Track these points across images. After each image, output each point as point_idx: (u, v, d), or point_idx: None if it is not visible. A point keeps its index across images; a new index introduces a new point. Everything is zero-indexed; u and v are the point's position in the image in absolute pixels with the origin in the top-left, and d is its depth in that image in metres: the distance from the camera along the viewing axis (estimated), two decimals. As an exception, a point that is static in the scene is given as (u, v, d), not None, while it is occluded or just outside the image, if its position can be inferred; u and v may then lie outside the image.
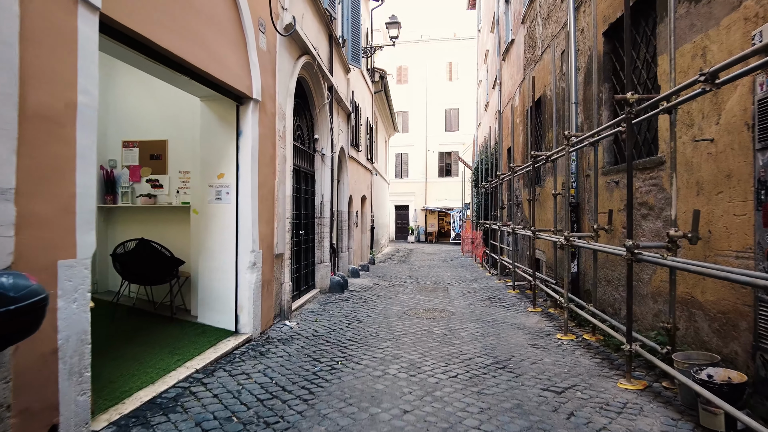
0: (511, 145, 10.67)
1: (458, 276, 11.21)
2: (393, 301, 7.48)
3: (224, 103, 4.90)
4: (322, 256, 7.96)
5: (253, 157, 4.90)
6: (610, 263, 5.26)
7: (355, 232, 11.62)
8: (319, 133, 7.88)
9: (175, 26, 3.51)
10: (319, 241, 7.92)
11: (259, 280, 5.01)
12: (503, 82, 12.43)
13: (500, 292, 8.53)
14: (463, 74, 29.61)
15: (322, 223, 7.96)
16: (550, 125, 7.63)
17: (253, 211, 4.89)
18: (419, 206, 29.58)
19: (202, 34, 3.90)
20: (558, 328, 5.64)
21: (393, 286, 9.28)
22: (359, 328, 5.58)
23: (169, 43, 3.39)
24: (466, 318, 6.21)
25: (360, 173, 12.36)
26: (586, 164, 6.01)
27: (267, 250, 5.27)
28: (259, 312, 5.03)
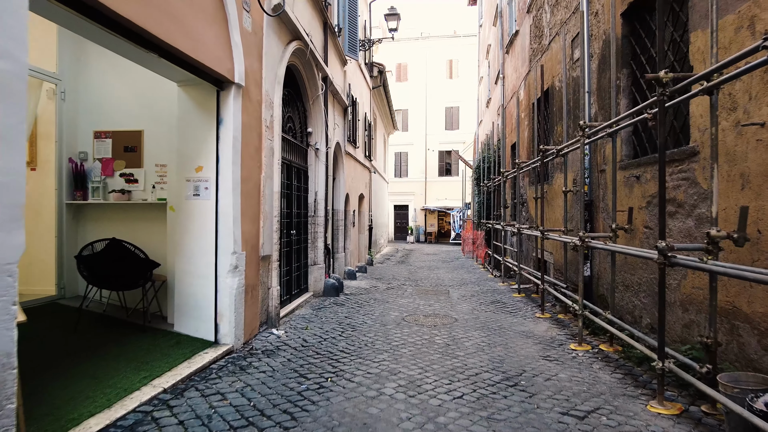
0: (516, 141, 10.20)
1: (459, 278, 10.73)
2: (391, 305, 7.00)
3: (203, 89, 4.41)
4: (316, 258, 7.48)
5: (235, 149, 4.42)
6: (629, 266, 4.79)
7: (352, 232, 11.13)
8: (313, 127, 7.40)
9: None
10: (312, 241, 7.44)
11: (242, 285, 4.53)
12: (506, 76, 11.96)
13: (505, 295, 8.05)
14: (464, 72, 29.14)
15: (316, 223, 7.47)
16: (560, 118, 7.15)
17: (234, 208, 4.40)
18: (419, 206, 29.11)
19: (171, 5, 3.41)
20: (571, 337, 5.16)
21: (391, 288, 8.80)
22: (353, 336, 5.09)
23: (128, 10, 2.90)
24: (469, 325, 5.73)
25: (357, 171, 11.88)
26: (601, 158, 5.53)
27: (251, 252, 4.79)
28: (242, 320, 4.54)
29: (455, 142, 28.15)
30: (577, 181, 6.34)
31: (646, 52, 4.62)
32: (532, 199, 8.81)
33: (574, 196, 6.45)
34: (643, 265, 4.45)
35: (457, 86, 29.23)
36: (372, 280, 10.08)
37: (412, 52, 30.04)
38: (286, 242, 6.35)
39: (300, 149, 7.07)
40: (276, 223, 5.30)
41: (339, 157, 9.44)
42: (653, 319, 4.23)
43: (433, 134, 29.46)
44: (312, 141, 7.41)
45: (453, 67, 29.77)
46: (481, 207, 14.10)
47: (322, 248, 7.54)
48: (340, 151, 9.37)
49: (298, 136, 7.05)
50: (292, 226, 6.56)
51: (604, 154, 5.44)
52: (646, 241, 4.36)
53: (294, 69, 6.60)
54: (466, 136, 27.44)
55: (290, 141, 6.52)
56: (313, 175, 7.43)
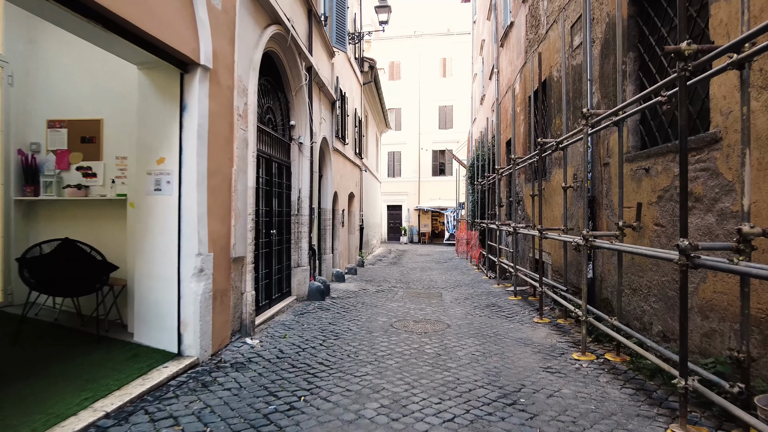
0: (511, 137, 9.78)
1: (453, 280, 10.29)
2: (379, 310, 6.55)
3: (165, 71, 3.94)
4: (300, 259, 7.01)
5: (200, 138, 3.95)
6: (637, 267, 4.37)
7: (341, 233, 10.68)
8: (296, 119, 6.94)
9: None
10: (296, 241, 6.97)
11: (209, 290, 4.06)
12: (501, 70, 11.56)
13: (500, 298, 7.63)
14: (458, 70, 28.78)
15: (300, 222, 7.01)
16: (558, 110, 6.74)
17: (199, 204, 3.94)
18: (412, 206, 28.69)
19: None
20: (573, 345, 4.74)
21: (381, 291, 8.35)
22: (336, 346, 4.64)
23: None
24: (463, 331, 5.29)
25: (347, 168, 11.43)
26: (604, 151, 5.12)
27: (221, 253, 4.32)
28: (209, 329, 4.07)
29: (449, 142, 27.76)
30: (578, 177, 5.93)
31: (656, 32, 4.21)
32: (528, 196, 8.40)
33: (574, 193, 6.04)
34: (653, 267, 4.03)
35: (450, 85, 28.85)
36: (361, 282, 9.63)
37: (405, 50, 29.63)
38: (265, 243, 5.88)
39: (281, 143, 6.60)
40: (250, 221, 4.83)
41: (326, 153, 8.99)
42: (665, 326, 3.82)
43: (427, 133, 29.05)
44: (295, 135, 6.94)
45: (446, 65, 29.40)
46: (475, 206, 13.69)
47: (306, 249, 7.08)
48: (327, 146, 8.92)
49: (279, 128, 6.58)
50: (272, 225, 6.09)
51: (607, 146, 5.03)
52: (657, 240, 3.95)
53: (274, 56, 6.14)
54: (460, 136, 27.05)
55: (270, 134, 6.06)
56: (296, 171, 6.96)
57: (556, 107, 6.90)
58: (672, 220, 3.72)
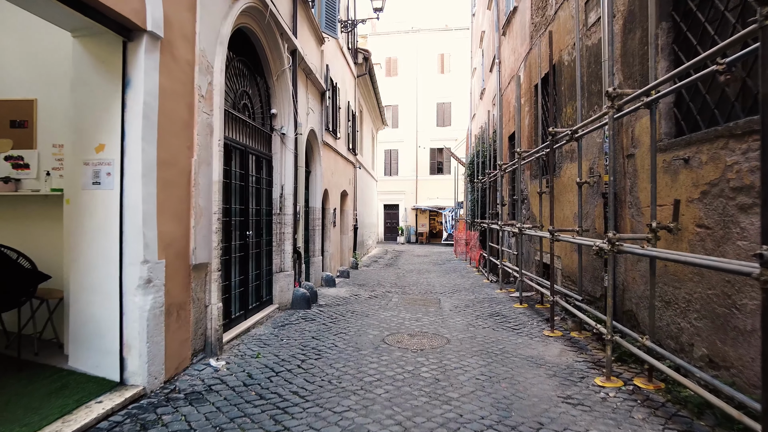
0: (515, 130, 9.10)
1: (452, 283, 9.61)
2: (371, 320, 5.86)
3: (105, 40, 3.24)
4: (283, 264, 6.31)
5: (147, 120, 3.25)
6: (671, 277, 3.69)
7: (333, 233, 9.98)
8: (278, 108, 6.24)
9: None
10: (278, 244, 6.27)
11: (160, 305, 3.36)
12: (503, 60, 10.88)
13: (504, 305, 6.94)
14: (456, 67, 28.10)
15: (283, 222, 6.31)
16: (570, 97, 6.06)
17: (146, 201, 3.23)
18: (409, 205, 28.00)
19: None
20: (593, 366, 4.05)
21: (374, 297, 7.66)
22: (316, 368, 3.94)
23: None
24: (465, 348, 4.60)
25: (339, 165, 10.73)
26: (628, 140, 4.44)
27: (176, 260, 3.62)
28: (161, 351, 3.37)
29: (447, 139, 27.05)
30: (594, 171, 5.25)
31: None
32: (535, 194, 7.72)
33: (590, 189, 5.36)
34: (695, 277, 3.35)
35: (448, 81, 28.17)
36: (354, 286, 8.93)
37: (402, 46, 28.94)
38: (240, 246, 5.18)
39: (260, 134, 5.90)
40: (216, 221, 4.13)
41: (314, 147, 8.28)
42: (713, 350, 3.14)
43: (425, 131, 28.37)
44: (277, 125, 6.24)
45: (444, 61, 28.71)
46: (475, 205, 13.01)
47: (290, 252, 6.37)
48: (315, 140, 8.21)
49: (258, 117, 5.88)
50: (249, 225, 5.39)
51: (632, 135, 4.34)
52: (700, 245, 3.27)
53: (251, 35, 5.43)
54: (459, 133, 26.37)
55: (246, 122, 5.35)
56: (278, 166, 6.26)
57: (567, 95, 6.22)
58: (723, 221, 3.04)
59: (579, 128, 4.76)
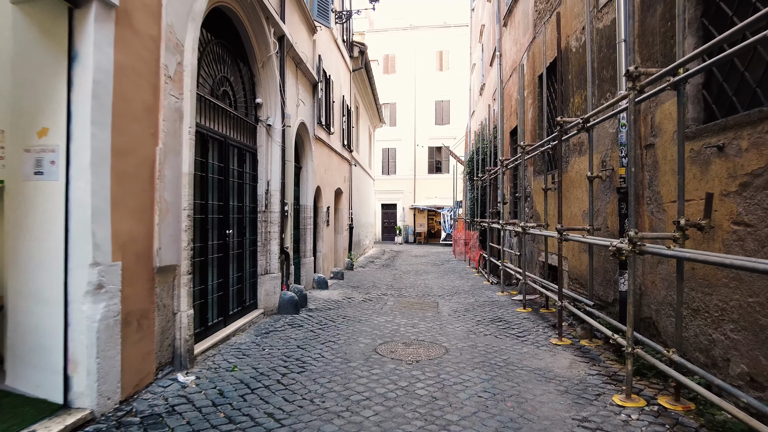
0: (517, 124, 8.66)
1: (451, 285, 9.16)
2: (363, 326, 5.41)
3: (47, 6, 2.80)
4: (268, 265, 5.86)
5: (98, 101, 2.80)
6: (700, 281, 3.25)
7: (326, 233, 9.53)
8: (264, 97, 5.79)
9: None
10: (263, 243, 5.81)
11: (115, 314, 2.91)
12: (504, 52, 10.44)
13: (506, 309, 6.50)
14: (455, 64, 27.65)
15: (269, 220, 5.86)
16: (578, 86, 5.62)
17: (97, 194, 2.78)
18: (407, 205, 27.55)
19: None
20: (609, 380, 3.62)
21: (368, 301, 7.21)
22: (298, 384, 3.50)
23: None
24: (465, 359, 4.16)
25: (333, 161, 10.28)
26: (647, 128, 4.00)
27: (137, 262, 3.17)
28: (116, 368, 2.92)
29: (446, 138, 26.60)
30: (607, 164, 4.81)
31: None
32: (538, 191, 7.29)
33: (602, 184, 4.92)
34: (732, 282, 2.91)
35: (447, 79, 27.72)
36: (347, 289, 8.48)
37: (400, 43, 28.48)
38: (219, 246, 4.73)
39: (243, 124, 5.45)
40: (186, 219, 3.67)
41: (306, 142, 7.83)
42: (756, 367, 2.70)
43: (423, 129, 27.91)
44: (262, 115, 5.79)
45: (443, 58, 28.26)
46: (474, 204, 12.58)
47: (276, 253, 5.92)
48: (306, 134, 7.76)
49: (241, 106, 5.43)
50: (229, 224, 4.94)
51: (652, 123, 3.90)
52: (738, 245, 2.83)
53: (232, 16, 4.99)
54: (457, 132, 25.93)
55: (226, 111, 4.90)
56: (264, 160, 5.81)
57: (574, 84, 5.78)
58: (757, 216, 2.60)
59: (591, 116, 4.32)
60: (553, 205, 6.42)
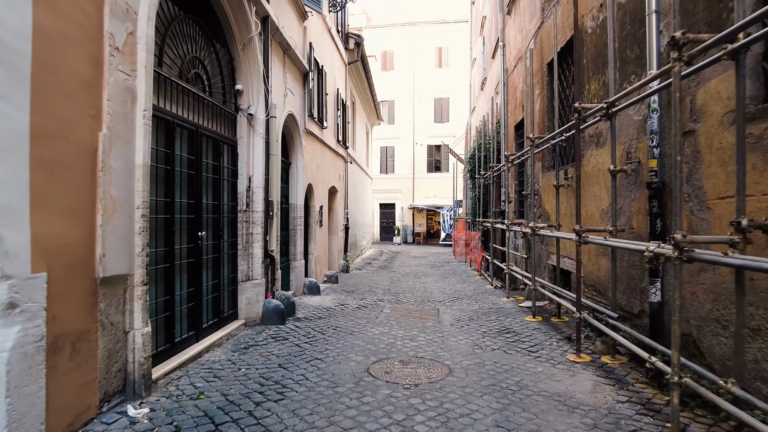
0: (523, 117, 8.09)
1: (452, 289, 8.58)
2: (356, 339, 4.82)
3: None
4: (250, 270, 5.27)
5: (9, 70, 2.21)
6: (762, 295, 2.67)
7: (319, 233, 8.94)
8: (245, 83, 5.20)
9: None
10: (244, 246, 5.22)
11: (38, 338, 2.31)
12: (508, 42, 9.86)
13: (514, 318, 5.92)
14: (454, 61, 27.07)
15: (251, 221, 5.27)
16: (596, 69, 5.04)
17: (8, 188, 2.19)
18: (406, 204, 26.97)
19: None
20: (642, 408, 3.05)
21: (363, 308, 6.62)
22: (273, 417, 2.91)
23: None
24: (472, 382, 3.58)
25: (326, 157, 9.69)
26: (685, 114, 3.41)
27: (71, 272, 2.57)
28: (39, 405, 2.33)
29: (445, 136, 26.02)
30: (633, 156, 4.23)
31: None
32: (548, 189, 6.71)
33: (625, 179, 4.33)
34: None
35: (446, 76, 27.13)
36: (341, 294, 7.89)
37: (398, 39, 27.88)
38: (189, 250, 4.14)
39: (221, 113, 4.86)
40: (140, 219, 3.08)
41: (295, 135, 7.24)
42: None
43: (422, 127, 27.33)
44: (243, 103, 5.20)
45: (442, 55, 27.67)
46: (476, 203, 11.99)
47: (260, 256, 5.33)
48: (296, 127, 7.17)
49: (218, 93, 4.84)
50: (201, 224, 4.35)
51: (693, 105, 3.32)
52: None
53: (206, -12, 4.40)
54: (457, 129, 25.34)
55: (198, 96, 4.31)
56: (245, 153, 5.22)
57: (590, 68, 5.20)
58: None
59: (616, 100, 3.74)
60: (566, 204, 5.84)
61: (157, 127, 3.60)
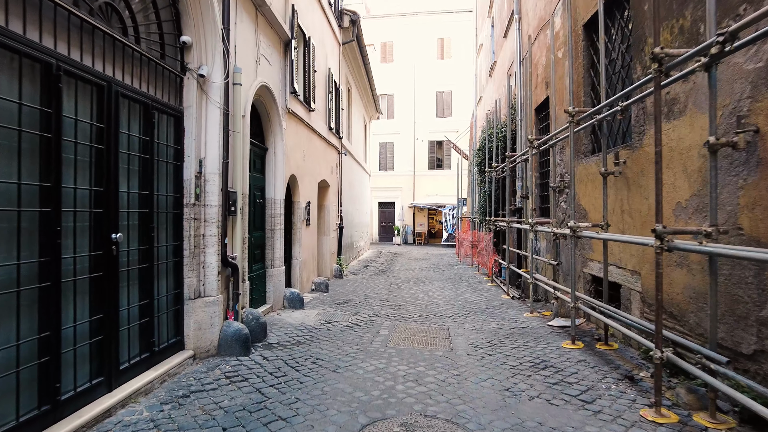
0: (547, 96, 6.79)
1: (462, 300, 7.27)
2: (340, 382, 3.52)
3: None
4: (201, 285, 3.96)
5: None
6: None
7: (305, 234, 7.63)
8: (195, 36, 3.89)
9: None
10: (192, 253, 3.91)
11: None
12: (525, 13, 8.55)
13: (547, 343, 4.62)
14: (457, 52, 25.76)
15: (201, 218, 3.96)
16: (667, 14, 3.73)
17: None
18: (406, 203, 25.66)
19: None
20: None
21: (355, 327, 5.32)
22: None
23: None
24: (515, 472, 2.27)
25: (315, 146, 8.38)
26: None
27: None
28: None
29: (447, 131, 24.70)
30: (744, 122, 2.92)
31: None
32: (586, 179, 5.42)
33: (729, 158, 3.02)
34: None
35: (449, 68, 25.81)
36: (330, 306, 6.58)
37: (398, 30, 26.57)
38: (96, 260, 2.83)
39: (156, 70, 3.55)
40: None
41: (272, 115, 5.93)
42: None
43: (423, 122, 26.00)
44: (192, 62, 3.90)
45: (445, 46, 26.35)
46: (486, 200, 10.68)
47: (214, 265, 4.02)
48: (274, 105, 5.86)
49: (151, 42, 3.53)
50: (116, 223, 3.04)
51: None
52: None
53: None
54: (460, 124, 24.02)
55: (113, 37, 3.01)
56: (194, 127, 3.91)
57: (655, 14, 3.89)
58: None
59: (740, 29, 2.44)
60: (614, 198, 4.55)
61: (21, 69, 2.31)
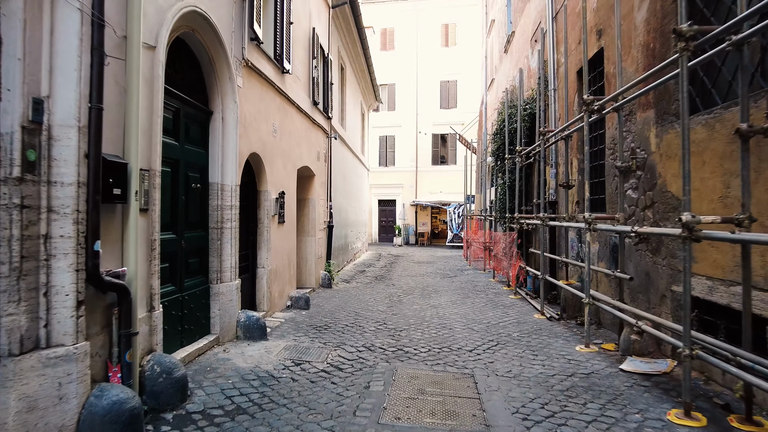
0: (602, 46, 5.00)
1: (483, 320, 5.47)
2: None
3: None
4: (40, 326, 2.17)
5: None
6: None
7: (276, 235, 5.83)
8: None
9: None
10: (18, 268, 2.12)
11: None
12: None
13: (637, 407, 2.81)
14: (462, 39, 23.96)
15: (38, 205, 2.17)
16: None
17: None
18: (408, 201, 23.86)
19: None
20: None
21: (334, 374, 3.52)
22: None
23: None
24: None
25: (292, 122, 6.59)
26: None
27: None
28: None
29: (452, 123, 22.87)
30: None
31: None
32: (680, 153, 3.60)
33: None
34: None
35: (454, 56, 24.00)
36: (305, 335, 4.79)
37: (399, 15, 24.78)
38: None
39: None
40: None
41: (219, 65, 4.14)
42: None
43: (426, 114, 24.20)
44: None
45: (449, 32, 24.54)
46: (506, 193, 8.87)
47: (70, 290, 2.23)
48: (219, 48, 4.06)
49: None
50: None
51: None
52: None
53: None
54: (466, 116, 22.21)
55: None
56: (19, 36, 2.12)
57: None
58: None
59: None
60: (758, 177, 2.76)
61: None
